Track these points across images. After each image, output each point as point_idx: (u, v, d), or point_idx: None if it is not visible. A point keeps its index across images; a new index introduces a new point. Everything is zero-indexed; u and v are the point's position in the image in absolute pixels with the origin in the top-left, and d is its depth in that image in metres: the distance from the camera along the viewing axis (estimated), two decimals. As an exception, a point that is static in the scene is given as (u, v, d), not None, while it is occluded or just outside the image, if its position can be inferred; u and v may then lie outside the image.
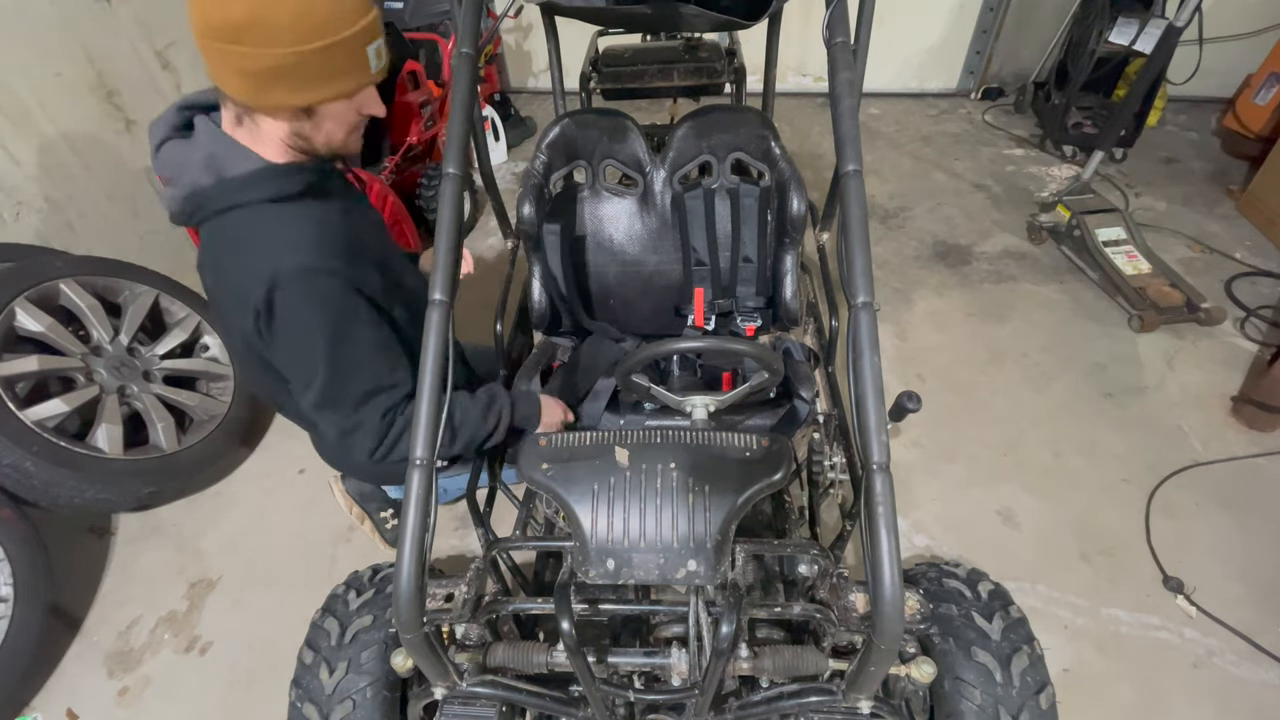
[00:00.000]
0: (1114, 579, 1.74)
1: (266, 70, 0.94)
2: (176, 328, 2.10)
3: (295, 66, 0.95)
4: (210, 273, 1.12)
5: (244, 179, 1.03)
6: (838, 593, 0.96)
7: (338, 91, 1.02)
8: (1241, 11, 3.43)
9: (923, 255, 2.90)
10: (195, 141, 1.05)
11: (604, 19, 1.62)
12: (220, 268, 1.09)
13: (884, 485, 0.75)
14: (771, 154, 1.61)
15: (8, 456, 1.60)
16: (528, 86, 4.57)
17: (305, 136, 1.06)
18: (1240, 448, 2.03)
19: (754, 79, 2.15)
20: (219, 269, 1.09)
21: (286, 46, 0.93)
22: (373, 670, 1.06)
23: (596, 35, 2.42)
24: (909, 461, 2.04)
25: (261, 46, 0.92)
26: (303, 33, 0.93)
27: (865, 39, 1.16)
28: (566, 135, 1.65)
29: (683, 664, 0.98)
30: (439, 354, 0.83)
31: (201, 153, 1.03)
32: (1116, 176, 3.27)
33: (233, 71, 0.96)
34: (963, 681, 1.01)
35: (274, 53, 0.93)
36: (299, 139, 1.06)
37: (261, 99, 0.99)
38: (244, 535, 1.99)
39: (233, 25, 0.90)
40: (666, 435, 1.05)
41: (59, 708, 1.63)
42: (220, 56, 0.94)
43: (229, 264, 1.07)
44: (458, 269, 0.90)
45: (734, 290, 1.69)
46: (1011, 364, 2.36)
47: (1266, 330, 2.40)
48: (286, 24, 0.91)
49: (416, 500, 0.79)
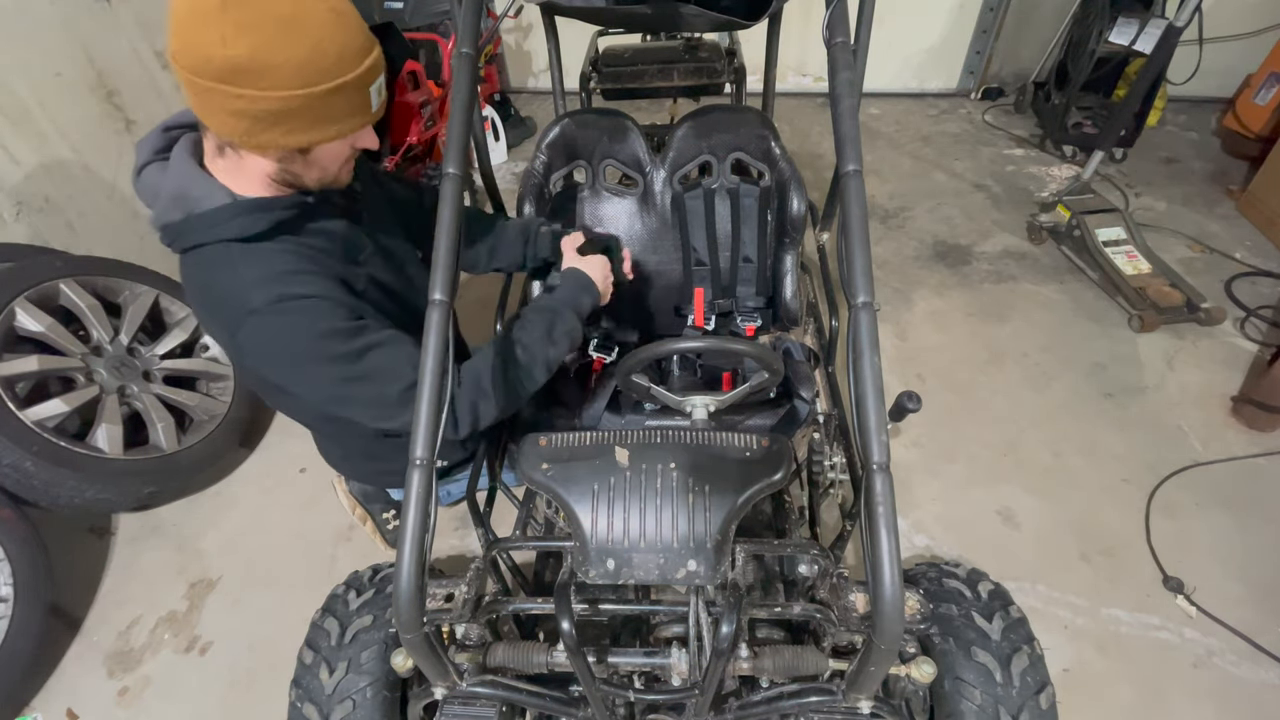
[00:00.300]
0: (1114, 579, 1.74)
1: (264, 113, 0.87)
2: (176, 328, 2.10)
3: (298, 110, 0.89)
4: (193, 304, 1.08)
5: (210, 217, 0.96)
6: (838, 593, 0.96)
7: (338, 133, 0.96)
8: (1241, 11, 3.43)
9: (923, 255, 2.90)
10: (169, 172, 0.99)
11: (604, 19, 1.62)
12: (198, 301, 1.05)
13: (884, 485, 0.75)
14: (771, 154, 1.61)
15: (8, 456, 1.60)
16: (528, 86, 4.57)
17: (294, 174, 1.00)
18: (1240, 448, 2.03)
19: (754, 79, 2.15)
20: (198, 301, 1.05)
21: (290, 89, 0.86)
22: (373, 670, 1.06)
23: (596, 35, 2.42)
24: (909, 461, 2.04)
25: (262, 89, 0.84)
26: (310, 76, 0.86)
27: (865, 39, 1.16)
28: (566, 135, 1.65)
29: (683, 664, 0.98)
30: (439, 354, 0.83)
31: (171, 185, 0.98)
32: (1116, 176, 3.27)
33: (223, 112, 0.87)
34: (963, 681, 1.01)
35: (276, 96, 0.85)
36: (287, 174, 0.99)
37: (252, 140, 0.91)
38: (244, 535, 1.99)
39: (232, 66, 0.82)
40: (666, 435, 1.05)
41: (59, 708, 1.63)
42: (209, 95, 0.86)
43: (204, 299, 1.03)
44: (458, 269, 0.89)
45: (734, 290, 1.69)
46: (1011, 364, 2.36)
47: (1266, 330, 2.40)
48: (293, 67, 0.84)
49: (416, 500, 0.79)
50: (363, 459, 1.46)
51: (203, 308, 1.06)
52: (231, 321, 0.98)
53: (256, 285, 0.96)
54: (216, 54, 0.82)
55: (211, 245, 0.98)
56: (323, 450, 1.51)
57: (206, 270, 0.99)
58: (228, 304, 0.98)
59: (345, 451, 1.47)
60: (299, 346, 0.98)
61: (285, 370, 1.02)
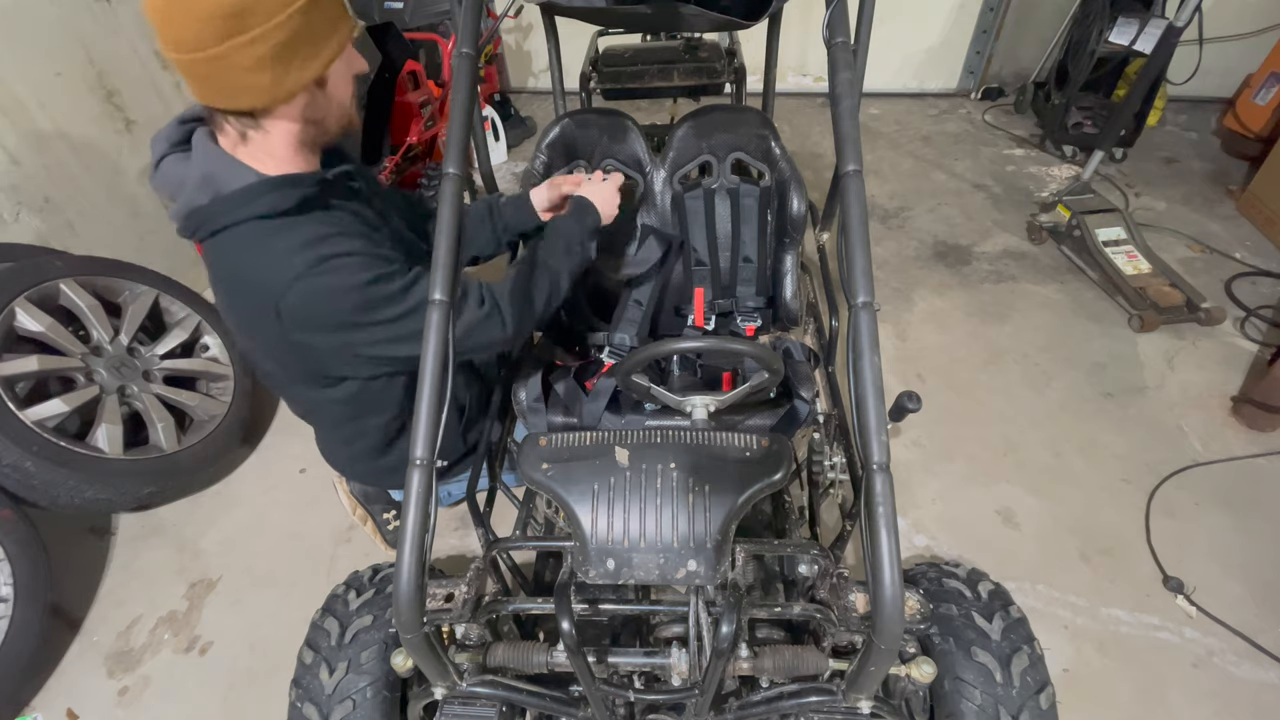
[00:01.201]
0: (1114, 579, 1.74)
1: (278, 48, 0.90)
2: (176, 328, 2.10)
3: (300, 33, 0.92)
4: (220, 290, 1.10)
5: (239, 195, 0.99)
6: (838, 593, 0.96)
7: (339, 45, 1.00)
8: (1241, 11, 3.43)
9: (923, 255, 2.90)
10: (193, 159, 1.02)
11: (604, 19, 1.62)
12: (227, 286, 1.07)
13: (884, 485, 0.75)
14: (771, 154, 1.61)
15: (8, 456, 1.60)
16: (528, 86, 4.57)
17: (319, 119, 1.04)
18: (1240, 448, 2.03)
19: (754, 79, 2.15)
20: (227, 287, 1.08)
21: (283, 11, 0.89)
22: (373, 670, 1.06)
23: (596, 35, 2.42)
24: (909, 461, 2.04)
25: (266, 20, 0.87)
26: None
27: (865, 39, 1.16)
28: (566, 135, 1.65)
29: (683, 664, 0.98)
30: (439, 354, 0.83)
31: (198, 171, 1.01)
32: (1116, 176, 3.27)
33: (242, 70, 0.90)
34: (963, 681, 1.01)
35: (278, 21, 0.88)
36: (312, 126, 1.04)
37: (280, 89, 0.95)
38: (244, 535, 1.99)
39: (226, 12, 0.85)
40: (666, 435, 1.05)
41: (59, 708, 1.63)
42: (222, 63, 0.89)
43: (235, 283, 1.05)
44: (458, 269, 0.89)
45: (734, 290, 1.69)
46: (1011, 364, 2.36)
47: (1266, 330, 2.40)
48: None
49: (416, 500, 0.79)
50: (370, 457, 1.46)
51: (234, 293, 1.07)
52: (274, 294, 0.99)
53: (296, 252, 0.99)
54: (208, 9, 0.84)
55: (241, 226, 1.00)
56: (327, 452, 1.50)
57: (238, 252, 1.01)
58: (267, 279, 1.00)
59: (353, 452, 1.46)
60: (349, 299, 1.02)
61: (338, 326, 1.04)
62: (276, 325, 1.03)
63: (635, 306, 1.64)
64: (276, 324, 1.02)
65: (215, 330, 2.16)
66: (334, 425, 1.38)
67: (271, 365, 1.21)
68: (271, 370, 1.23)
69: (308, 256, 0.99)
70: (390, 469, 1.43)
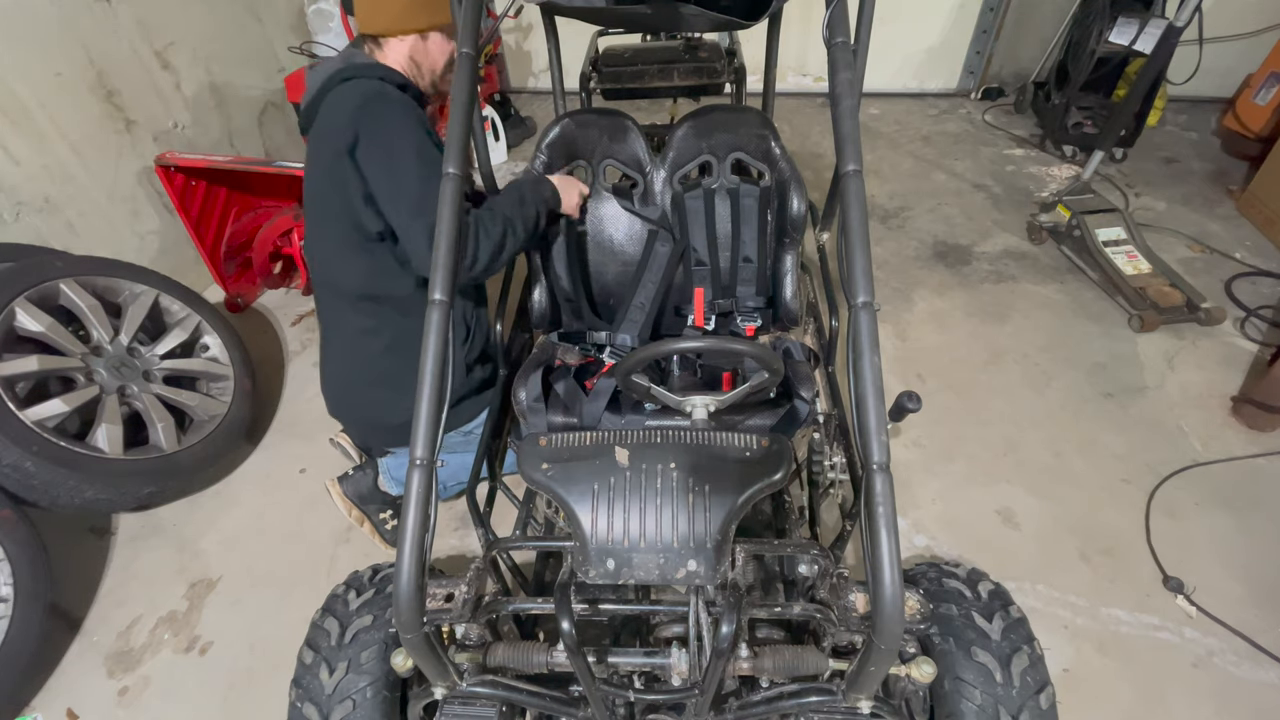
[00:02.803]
0: (1114, 579, 1.74)
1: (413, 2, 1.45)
2: (176, 328, 2.10)
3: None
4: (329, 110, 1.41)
5: (369, 64, 1.45)
6: (838, 593, 0.96)
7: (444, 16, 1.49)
8: (1241, 11, 3.43)
9: (923, 255, 2.90)
10: (335, 57, 1.50)
11: (604, 19, 1.62)
12: (337, 105, 1.40)
13: (884, 485, 0.75)
14: (771, 154, 1.61)
15: (8, 456, 1.60)
16: (528, 86, 4.57)
17: (419, 61, 1.51)
18: (1240, 448, 2.03)
19: (754, 79, 2.15)
20: (337, 105, 1.40)
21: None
22: (373, 670, 1.06)
23: (596, 35, 2.42)
24: (909, 461, 2.04)
25: None
26: None
27: (865, 39, 1.16)
28: (566, 135, 1.65)
29: (683, 664, 0.98)
30: (439, 354, 0.83)
31: (338, 58, 1.48)
32: (1116, 176, 3.27)
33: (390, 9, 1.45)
34: (963, 681, 1.01)
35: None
36: (413, 65, 1.51)
37: (401, 24, 1.46)
38: (244, 535, 1.99)
39: None
40: (666, 435, 1.05)
41: (59, 708, 1.63)
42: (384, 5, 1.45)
43: (330, 110, 1.41)
44: (457, 269, 0.90)
45: (734, 290, 1.69)
46: (1011, 364, 2.36)
47: (1266, 330, 2.40)
48: None
49: (416, 500, 0.79)
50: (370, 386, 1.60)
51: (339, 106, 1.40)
52: (367, 100, 1.36)
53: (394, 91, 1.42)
54: None
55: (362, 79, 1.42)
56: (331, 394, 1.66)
57: (359, 84, 1.41)
58: (370, 94, 1.38)
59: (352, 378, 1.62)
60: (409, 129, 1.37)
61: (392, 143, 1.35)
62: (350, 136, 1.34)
63: (638, 309, 1.65)
64: (350, 135, 1.34)
65: (215, 330, 2.16)
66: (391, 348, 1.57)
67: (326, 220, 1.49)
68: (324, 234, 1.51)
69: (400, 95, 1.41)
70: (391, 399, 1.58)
